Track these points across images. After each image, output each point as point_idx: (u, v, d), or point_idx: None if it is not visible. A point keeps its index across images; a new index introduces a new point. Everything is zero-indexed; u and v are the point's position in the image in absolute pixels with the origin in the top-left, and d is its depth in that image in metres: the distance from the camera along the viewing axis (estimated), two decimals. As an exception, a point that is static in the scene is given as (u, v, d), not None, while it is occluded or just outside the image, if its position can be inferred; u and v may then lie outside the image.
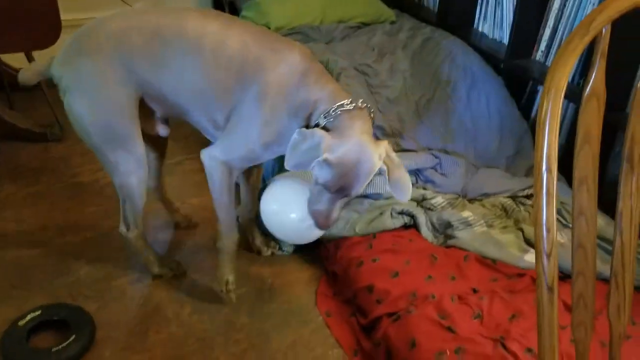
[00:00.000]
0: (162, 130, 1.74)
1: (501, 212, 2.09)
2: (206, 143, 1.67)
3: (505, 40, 2.71)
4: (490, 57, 2.65)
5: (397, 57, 2.54)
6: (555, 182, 0.80)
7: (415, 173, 2.18)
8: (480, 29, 2.91)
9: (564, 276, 1.49)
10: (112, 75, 1.50)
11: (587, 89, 0.84)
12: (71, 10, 2.65)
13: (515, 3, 2.59)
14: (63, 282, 1.91)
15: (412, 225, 2.03)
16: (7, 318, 1.70)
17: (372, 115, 1.49)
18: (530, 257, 1.86)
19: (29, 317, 1.67)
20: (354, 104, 1.43)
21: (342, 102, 1.42)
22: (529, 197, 2.16)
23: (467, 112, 2.40)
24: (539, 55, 2.58)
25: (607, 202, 1.32)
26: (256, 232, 2.04)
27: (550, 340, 0.85)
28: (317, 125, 1.43)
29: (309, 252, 2.08)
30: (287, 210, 1.64)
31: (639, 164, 0.92)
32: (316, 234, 1.66)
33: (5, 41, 2.32)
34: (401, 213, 2.02)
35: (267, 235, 2.01)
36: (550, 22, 2.47)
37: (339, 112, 1.41)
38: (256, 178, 1.97)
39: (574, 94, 2.20)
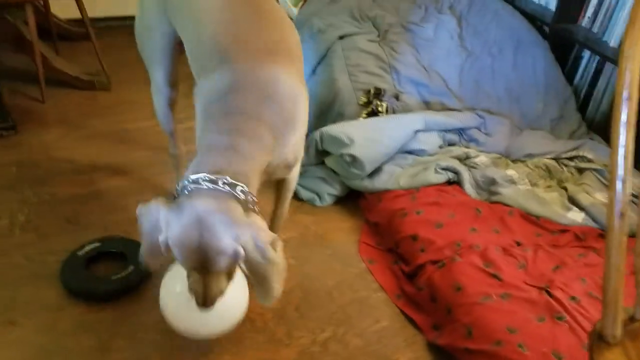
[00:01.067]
0: None
1: (544, 173, 2.11)
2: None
3: (552, 6, 2.68)
4: (536, 21, 2.63)
5: (443, 17, 2.54)
6: (635, 110, 0.83)
7: (459, 132, 2.20)
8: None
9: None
10: None
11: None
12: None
13: (565, -33, 2.56)
14: (115, 219, 1.98)
15: (455, 182, 2.05)
16: (64, 249, 1.78)
17: (247, 198, 1.15)
18: (573, 215, 1.88)
19: (87, 247, 1.75)
20: (212, 184, 1.11)
21: (199, 177, 1.12)
22: (572, 159, 2.16)
23: (513, 74, 2.40)
24: (585, 22, 2.55)
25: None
26: None
27: (618, 263, 0.88)
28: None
29: (349, 204, 2.12)
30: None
31: None
32: (217, 322, 1.35)
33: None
34: (445, 169, 2.05)
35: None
36: (599, -13, 2.45)
37: (191, 189, 1.12)
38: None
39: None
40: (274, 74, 1.25)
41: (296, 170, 1.56)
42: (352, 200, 2.13)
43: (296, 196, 2.14)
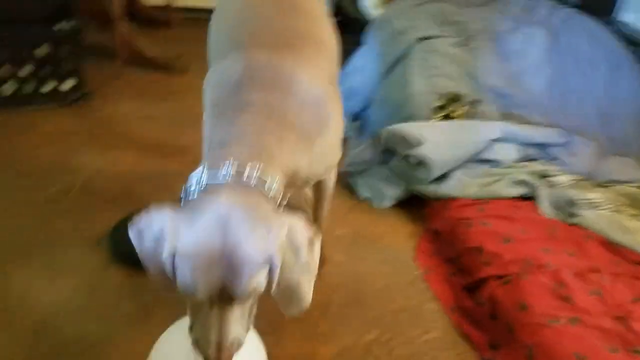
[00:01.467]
0: None
1: (630, 202, 1.91)
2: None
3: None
4: (634, 44, 2.44)
5: (534, 30, 2.39)
6: None
7: (540, 148, 2.04)
8: (622, 19, 2.70)
9: None
10: None
11: None
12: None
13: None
14: (167, 199, 1.95)
15: (530, 198, 1.89)
16: (113, 219, 1.75)
17: (275, 194, 0.95)
18: (660, 248, 1.68)
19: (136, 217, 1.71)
20: (235, 176, 0.90)
21: (216, 171, 0.92)
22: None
23: (604, 95, 2.22)
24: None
25: None
26: None
27: None
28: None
29: (410, 209, 1.99)
30: None
31: None
32: None
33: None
34: (520, 183, 1.89)
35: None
36: None
37: (204, 186, 0.91)
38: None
39: None
40: (292, 67, 1.06)
41: (333, 175, 1.43)
42: (413, 205, 2.00)
43: (354, 194, 2.05)
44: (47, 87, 2.36)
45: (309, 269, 0.92)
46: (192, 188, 0.92)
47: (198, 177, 0.93)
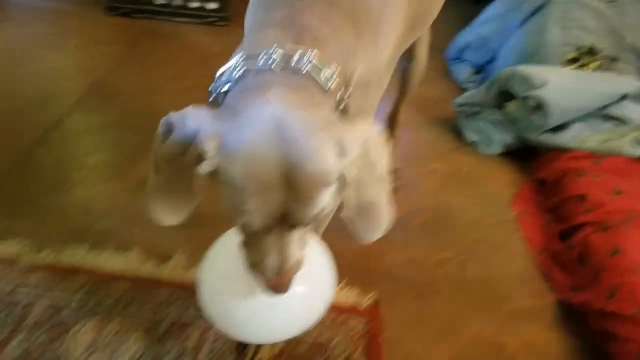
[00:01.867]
0: None
1: None
2: None
3: None
4: None
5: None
6: None
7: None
8: None
9: None
10: None
11: None
12: None
13: None
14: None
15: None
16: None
17: (334, 87, 0.76)
18: None
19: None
20: (282, 62, 0.73)
21: (256, 58, 0.74)
22: None
23: None
24: None
25: None
26: None
27: None
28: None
29: (515, 160, 1.88)
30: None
31: None
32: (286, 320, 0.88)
33: None
34: (648, 143, 1.72)
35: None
36: None
37: (241, 72, 0.74)
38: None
39: None
40: None
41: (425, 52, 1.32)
42: (520, 157, 1.89)
43: (460, 138, 1.98)
44: (194, 4, 2.57)
45: (384, 186, 0.77)
46: (225, 77, 0.75)
47: (233, 64, 0.75)
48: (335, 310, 1.20)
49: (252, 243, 0.74)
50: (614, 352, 1.16)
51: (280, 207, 0.67)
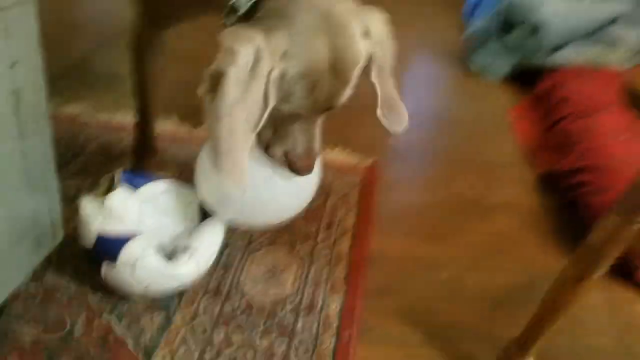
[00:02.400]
0: None
1: None
2: None
3: None
4: None
5: None
6: None
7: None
8: None
9: None
10: None
11: None
12: None
13: None
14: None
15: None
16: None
17: None
18: None
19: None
20: None
21: None
22: None
23: None
24: None
25: None
26: None
27: None
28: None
29: (519, 83, 2.06)
30: None
31: None
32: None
33: None
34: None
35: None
36: None
37: None
38: None
39: None
40: None
41: None
42: (523, 82, 2.04)
43: (467, 68, 2.16)
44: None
45: (395, 81, 0.90)
46: None
47: None
48: (337, 168, 1.42)
49: (283, 135, 0.87)
50: (582, 201, 1.33)
51: (329, 91, 0.79)
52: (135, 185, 1.03)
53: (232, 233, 1.17)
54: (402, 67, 0.93)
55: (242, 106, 0.74)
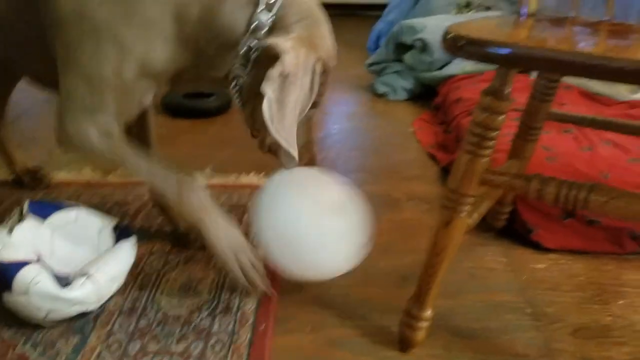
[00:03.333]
0: None
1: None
2: None
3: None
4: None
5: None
6: None
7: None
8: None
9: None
10: None
11: None
12: None
13: None
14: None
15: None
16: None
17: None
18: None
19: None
20: None
21: None
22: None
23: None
24: None
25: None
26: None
27: None
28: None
29: (420, 101, 2.25)
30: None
31: None
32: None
33: None
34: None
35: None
36: None
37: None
38: None
39: None
40: None
41: None
42: (424, 101, 2.23)
43: (373, 91, 2.33)
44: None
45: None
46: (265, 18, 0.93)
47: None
48: (253, 189, 1.48)
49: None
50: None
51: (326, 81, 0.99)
52: (43, 214, 1.06)
53: (149, 256, 1.20)
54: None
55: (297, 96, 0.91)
